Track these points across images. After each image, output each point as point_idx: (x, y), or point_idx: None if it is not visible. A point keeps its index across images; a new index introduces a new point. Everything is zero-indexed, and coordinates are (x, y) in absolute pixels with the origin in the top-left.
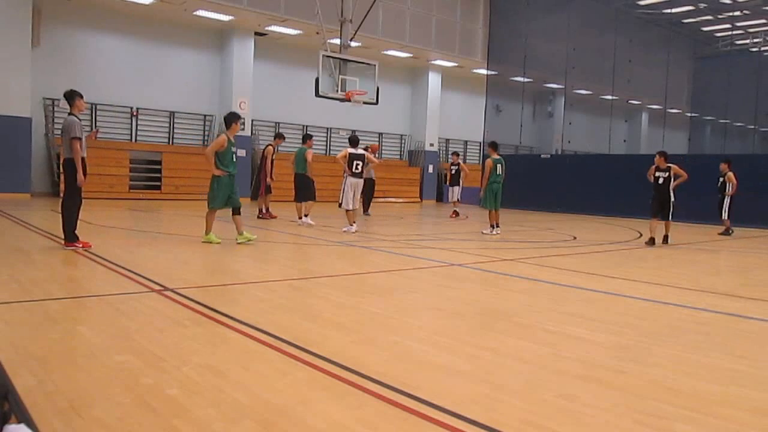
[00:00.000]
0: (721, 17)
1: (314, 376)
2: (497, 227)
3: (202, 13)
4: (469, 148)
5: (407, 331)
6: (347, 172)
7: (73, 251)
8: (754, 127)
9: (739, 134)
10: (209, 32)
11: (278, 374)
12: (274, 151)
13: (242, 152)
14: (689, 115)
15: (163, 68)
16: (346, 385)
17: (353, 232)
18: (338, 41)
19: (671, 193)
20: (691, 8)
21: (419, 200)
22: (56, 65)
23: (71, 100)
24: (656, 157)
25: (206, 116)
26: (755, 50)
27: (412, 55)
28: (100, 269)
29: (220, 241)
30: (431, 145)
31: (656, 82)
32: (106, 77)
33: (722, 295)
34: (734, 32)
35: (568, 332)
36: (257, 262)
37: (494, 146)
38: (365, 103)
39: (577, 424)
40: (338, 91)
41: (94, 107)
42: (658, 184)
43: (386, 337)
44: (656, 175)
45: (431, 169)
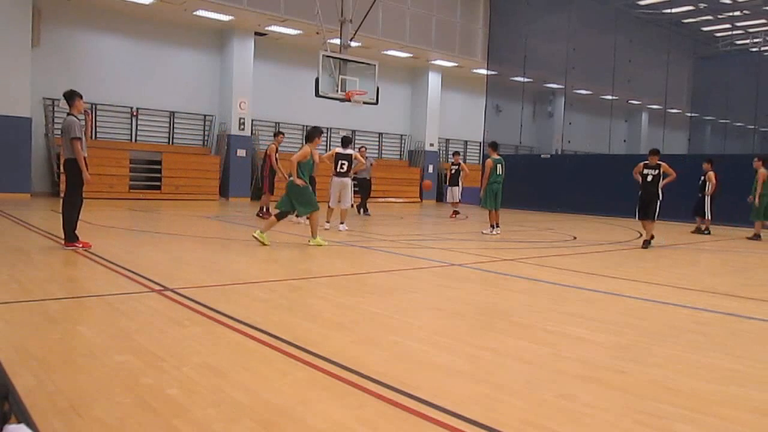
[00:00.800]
0: (721, 17)
1: (314, 376)
2: (497, 227)
3: (202, 13)
4: (469, 148)
5: (407, 331)
6: (332, 171)
7: (73, 251)
8: (754, 127)
9: (739, 134)
10: (209, 32)
11: (278, 374)
12: (277, 149)
13: (242, 152)
14: (689, 115)
15: (163, 68)
16: (346, 385)
17: (325, 229)
18: (338, 41)
19: (659, 192)
20: (691, 8)
21: (419, 200)
22: (56, 65)
23: (71, 100)
24: (649, 156)
25: (206, 116)
26: (755, 50)
27: (412, 55)
28: (100, 269)
29: (326, 243)
30: (431, 145)
31: (656, 82)
32: (106, 77)
33: (722, 295)
34: (734, 32)
35: (568, 332)
36: (257, 262)
37: (494, 146)
38: (365, 103)
39: (577, 424)
40: (338, 91)
41: (94, 107)
42: (646, 182)
43: (386, 337)
44: (644, 172)
45: (431, 169)
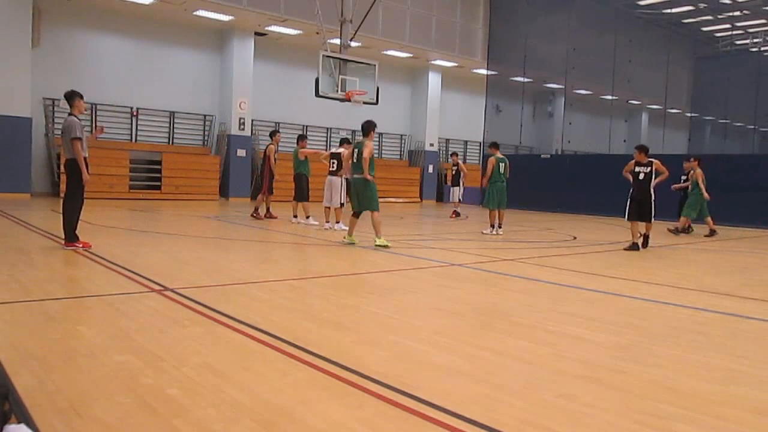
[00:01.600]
0: (721, 17)
1: (314, 376)
2: (499, 227)
3: (202, 13)
4: (469, 148)
5: (407, 331)
6: (328, 169)
7: (73, 251)
8: (754, 127)
9: (739, 134)
10: (209, 32)
11: (278, 374)
12: (275, 149)
13: (242, 152)
14: (689, 115)
15: (163, 68)
16: (346, 385)
17: (325, 229)
18: (338, 41)
19: (652, 191)
20: (691, 8)
21: (419, 200)
22: (56, 65)
23: (71, 100)
24: (636, 152)
25: (206, 116)
26: (755, 50)
27: (412, 55)
28: (100, 269)
29: (389, 244)
30: (431, 145)
31: (656, 82)
32: (106, 77)
33: (722, 295)
34: (734, 32)
35: (568, 332)
36: (257, 262)
37: (496, 146)
38: (365, 103)
39: (577, 424)
40: (338, 91)
41: (94, 107)
42: (638, 180)
43: (386, 337)
44: (636, 170)
45: (431, 169)
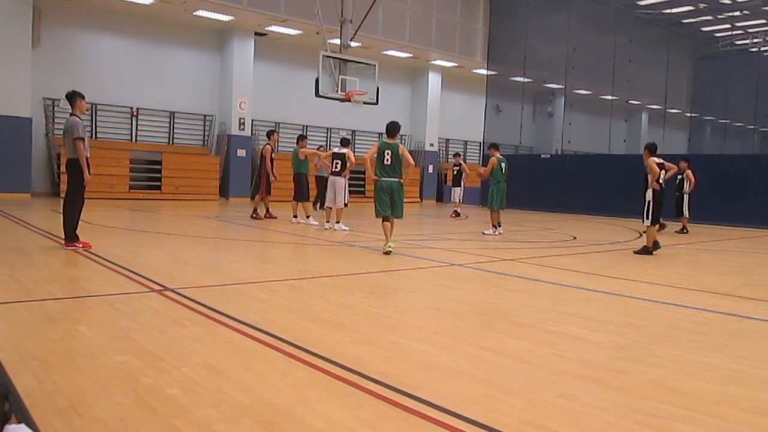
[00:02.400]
0: (721, 17)
1: (314, 376)
2: (499, 227)
3: (202, 13)
4: (469, 148)
5: (407, 331)
6: (331, 170)
7: (73, 251)
8: (754, 127)
9: (738, 134)
10: (209, 32)
11: (278, 374)
12: (272, 149)
13: (242, 152)
14: (689, 115)
15: (163, 68)
16: (346, 385)
17: (325, 229)
18: (338, 41)
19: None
20: (691, 8)
21: (419, 200)
22: (56, 65)
23: (72, 100)
24: (648, 152)
25: (206, 116)
26: (755, 50)
27: (412, 55)
28: (100, 269)
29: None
30: (431, 145)
31: (656, 82)
32: (106, 77)
33: (722, 295)
34: (734, 32)
35: (568, 332)
36: (257, 262)
37: (496, 146)
38: (365, 103)
39: (577, 424)
40: (338, 91)
41: (94, 107)
42: (661, 182)
43: (386, 337)
44: (660, 172)
45: (431, 169)
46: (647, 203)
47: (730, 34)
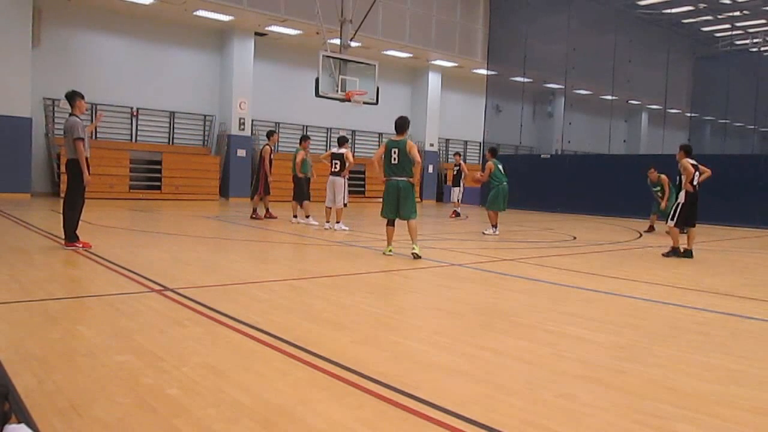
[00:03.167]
0: (721, 17)
1: (314, 376)
2: (496, 227)
3: (202, 13)
4: (469, 148)
5: (407, 331)
6: (330, 170)
7: (73, 251)
8: (754, 127)
9: (738, 134)
10: (209, 32)
11: (278, 374)
12: (271, 150)
13: (242, 152)
14: (689, 115)
15: (163, 68)
16: (346, 385)
17: (325, 229)
18: (338, 41)
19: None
20: (691, 8)
21: (419, 200)
22: (56, 65)
23: (72, 100)
24: (683, 152)
25: (206, 116)
26: (755, 50)
27: (412, 55)
28: (100, 269)
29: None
30: (431, 145)
31: (656, 82)
32: (106, 77)
33: (722, 295)
34: (734, 32)
35: (568, 332)
36: (257, 262)
37: (492, 152)
38: (365, 103)
39: (577, 424)
40: (338, 91)
41: (94, 107)
42: (697, 185)
43: (386, 337)
44: (695, 174)
45: (431, 169)
46: (677, 204)
47: (730, 34)
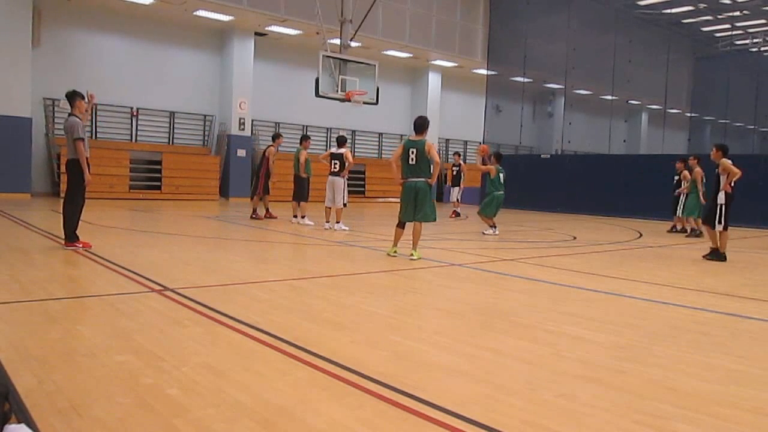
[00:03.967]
0: (721, 17)
1: (314, 376)
2: (496, 227)
3: (202, 13)
4: (469, 148)
5: (407, 331)
6: (329, 170)
7: (73, 251)
8: (754, 127)
9: (738, 134)
10: (209, 32)
11: (278, 374)
12: (275, 152)
13: (242, 152)
14: (689, 115)
15: (163, 68)
16: (346, 385)
17: (325, 229)
18: (338, 41)
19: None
20: (691, 8)
21: None
22: (56, 65)
23: (72, 100)
24: (721, 152)
25: (206, 116)
26: (755, 50)
27: (412, 55)
28: (100, 269)
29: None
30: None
31: (656, 82)
32: (106, 77)
33: (722, 295)
34: (734, 32)
35: (568, 332)
36: (257, 262)
37: (498, 158)
38: (365, 103)
39: (577, 424)
40: (338, 91)
41: (94, 107)
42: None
43: (386, 337)
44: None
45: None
46: (719, 206)
47: (730, 34)
